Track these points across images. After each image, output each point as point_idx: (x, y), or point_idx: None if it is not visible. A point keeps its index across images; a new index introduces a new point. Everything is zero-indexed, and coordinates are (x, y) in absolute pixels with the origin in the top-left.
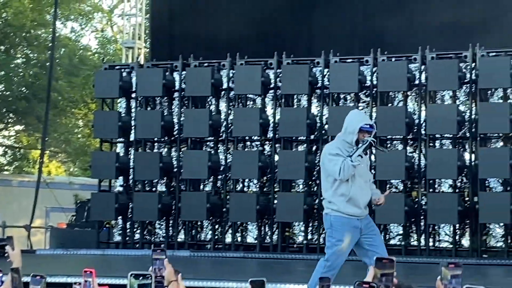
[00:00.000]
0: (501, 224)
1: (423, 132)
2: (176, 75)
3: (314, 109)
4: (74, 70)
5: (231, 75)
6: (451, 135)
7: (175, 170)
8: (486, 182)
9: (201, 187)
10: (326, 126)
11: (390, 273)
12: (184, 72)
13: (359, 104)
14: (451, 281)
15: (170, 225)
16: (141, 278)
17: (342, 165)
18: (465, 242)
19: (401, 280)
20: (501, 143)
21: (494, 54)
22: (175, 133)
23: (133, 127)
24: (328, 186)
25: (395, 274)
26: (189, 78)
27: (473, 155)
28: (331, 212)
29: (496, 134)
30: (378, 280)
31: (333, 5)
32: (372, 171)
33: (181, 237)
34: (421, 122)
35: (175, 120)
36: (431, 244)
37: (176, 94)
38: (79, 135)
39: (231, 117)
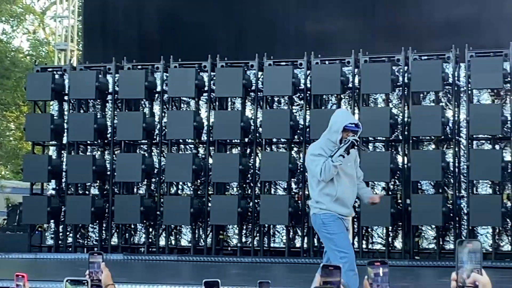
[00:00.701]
0: (433, 226)
1: None
2: (109, 78)
3: (248, 112)
4: (6, 73)
5: (165, 77)
6: (384, 138)
7: (109, 173)
8: (419, 184)
9: (135, 190)
10: (260, 129)
11: (336, 281)
12: (117, 75)
13: (293, 107)
14: (377, 279)
15: (103, 228)
16: (77, 284)
17: (323, 165)
18: (398, 244)
19: None
20: (433, 146)
21: (426, 57)
22: (108, 136)
23: (65, 130)
24: (314, 185)
25: (343, 282)
26: (123, 81)
27: (405, 158)
28: (320, 211)
29: (428, 137)
30: None
31: (267, 8)
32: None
33: (114, 240)
34: None
35: (109, 123)
36: (364, 246)
37: (109, 97)
38: (10, 138)
39: (165, 120)
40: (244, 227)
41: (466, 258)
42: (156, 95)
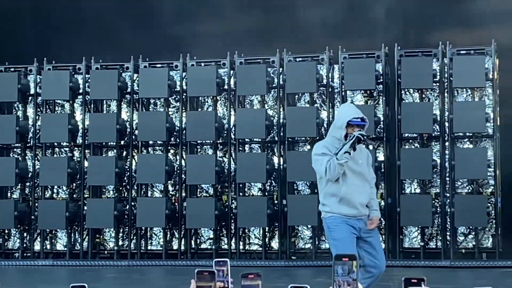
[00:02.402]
0: (309, 226)
1: (233, 136)
2: None
3: (124, 115)
4: None
5: (38, 80)
6: (260, 139)
7: None
8: (295, 185)
9: (9, 194)
10: (136, 132)
11: (209, 286)
12: None
13: (170, 109)
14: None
15: None
16: None
17: (328, 164)
18: (275, 244)
19: None
20: (308, 147)
21: (300, 59)
22: None
23: None
24: (321, 187)
25: (218, 287)
26: None
27: (281, 159)
28: (326, 214)
29: (304, 138)
30: None
31: (140, 10)
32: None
33: None
34: (231, 126)
35: None
36: (241, 247)
37: None
38: None
39: (39, 123)
40: (121, 230)
41: (342, 271)
42: (30, 98)
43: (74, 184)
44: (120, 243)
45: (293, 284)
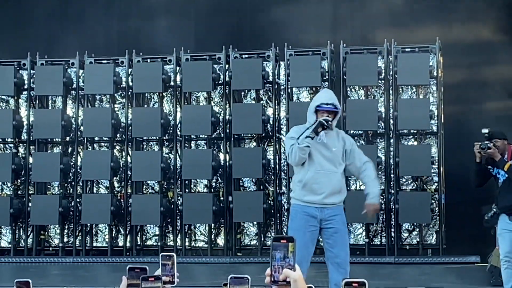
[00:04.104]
0: (255, 222)
1: (178, 133)
2: None
3: (70, 111)
4: None
5: None
6: (206, 136)
7: None
8: (240, 181)
9: None
10: (81, 128)
11: (138, 284)
12: None
13: (115, 106)
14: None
15: None
16: None
17: (290, 149)
18: (220, 241)
19: None
20: (254, 144)
21: (246, 56)
22: None
23: None
24: (294, 172)
25: (143, 285)
26: None
27: (227, 156)
28: (292, 200)
29: (250, 135)
30: None
31: (88, 7)
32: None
33: None
34: (177, 123)
35: None
36: (187, 244)
37: None
38: None
39: None
40: (66, 227)
41: (280, 253)
42: None
43: (19, 181)
44: (65, 239)
45: (233, 275)
